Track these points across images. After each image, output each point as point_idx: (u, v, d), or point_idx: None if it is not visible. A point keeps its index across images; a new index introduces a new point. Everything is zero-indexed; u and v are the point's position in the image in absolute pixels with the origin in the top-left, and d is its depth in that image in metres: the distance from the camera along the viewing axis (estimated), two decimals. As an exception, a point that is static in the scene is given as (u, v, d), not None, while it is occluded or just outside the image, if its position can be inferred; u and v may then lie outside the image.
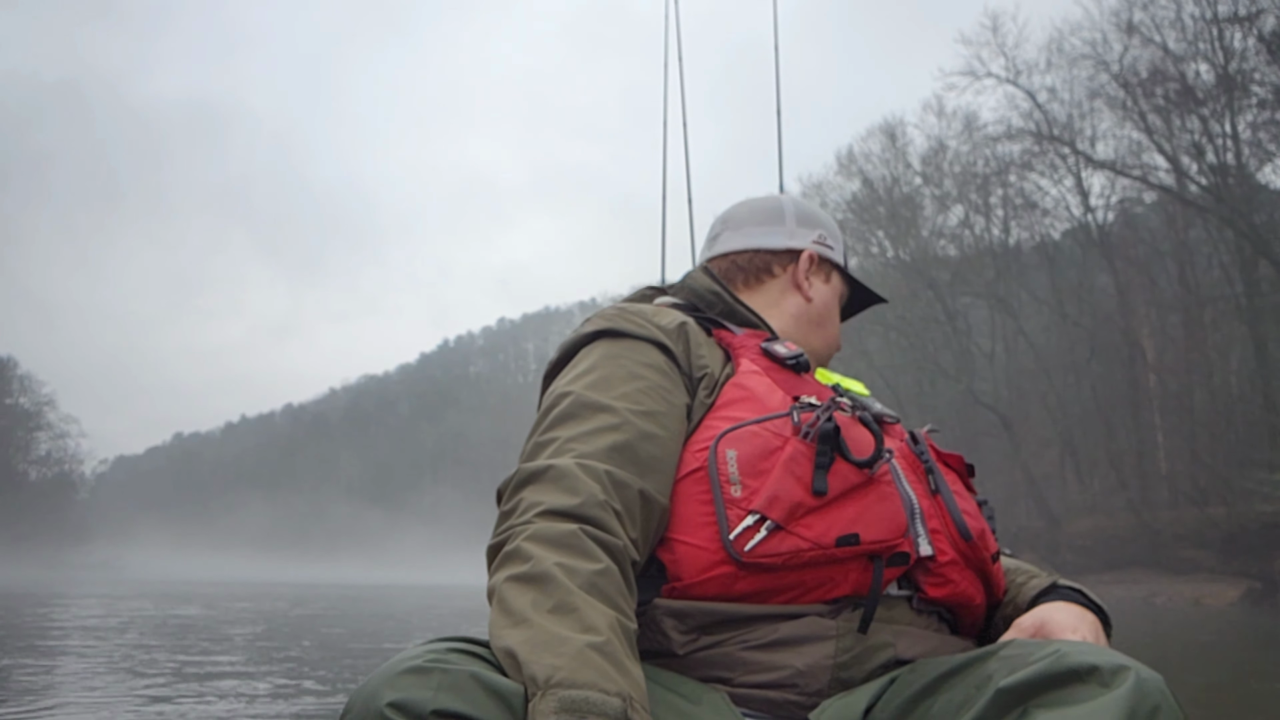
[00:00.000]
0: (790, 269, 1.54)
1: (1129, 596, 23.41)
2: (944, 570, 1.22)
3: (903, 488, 1.23)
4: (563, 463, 1.13)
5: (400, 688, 0.88)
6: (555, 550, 1.03)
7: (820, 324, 1.54)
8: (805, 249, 1.55)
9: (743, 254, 1.55)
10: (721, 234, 1.59)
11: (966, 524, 1.24)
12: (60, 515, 66.98)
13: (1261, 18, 25.09)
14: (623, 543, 1.08)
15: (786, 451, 1.17)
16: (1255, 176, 27.13)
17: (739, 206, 1.61)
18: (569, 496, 1.09)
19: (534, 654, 0.93)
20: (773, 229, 1.56)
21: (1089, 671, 0.94)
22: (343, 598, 26.19)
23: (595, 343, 1.33)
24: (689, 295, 1.50)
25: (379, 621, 15.31)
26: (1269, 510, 22.98)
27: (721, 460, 1.17)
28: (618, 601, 1.02)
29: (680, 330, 1.33)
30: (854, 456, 1.19)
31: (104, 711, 5.05)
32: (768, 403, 1.24)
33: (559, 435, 1.19)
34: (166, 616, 14.91)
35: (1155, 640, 11.56)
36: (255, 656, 8.53)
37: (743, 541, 1.13)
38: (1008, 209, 33.75)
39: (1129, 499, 28.66)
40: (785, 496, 1.15)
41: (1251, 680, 6.96)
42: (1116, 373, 31.23)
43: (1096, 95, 29.25)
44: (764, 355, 1.34)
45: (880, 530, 1.18)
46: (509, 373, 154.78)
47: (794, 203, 1.60)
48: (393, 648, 9.78)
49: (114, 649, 8.92)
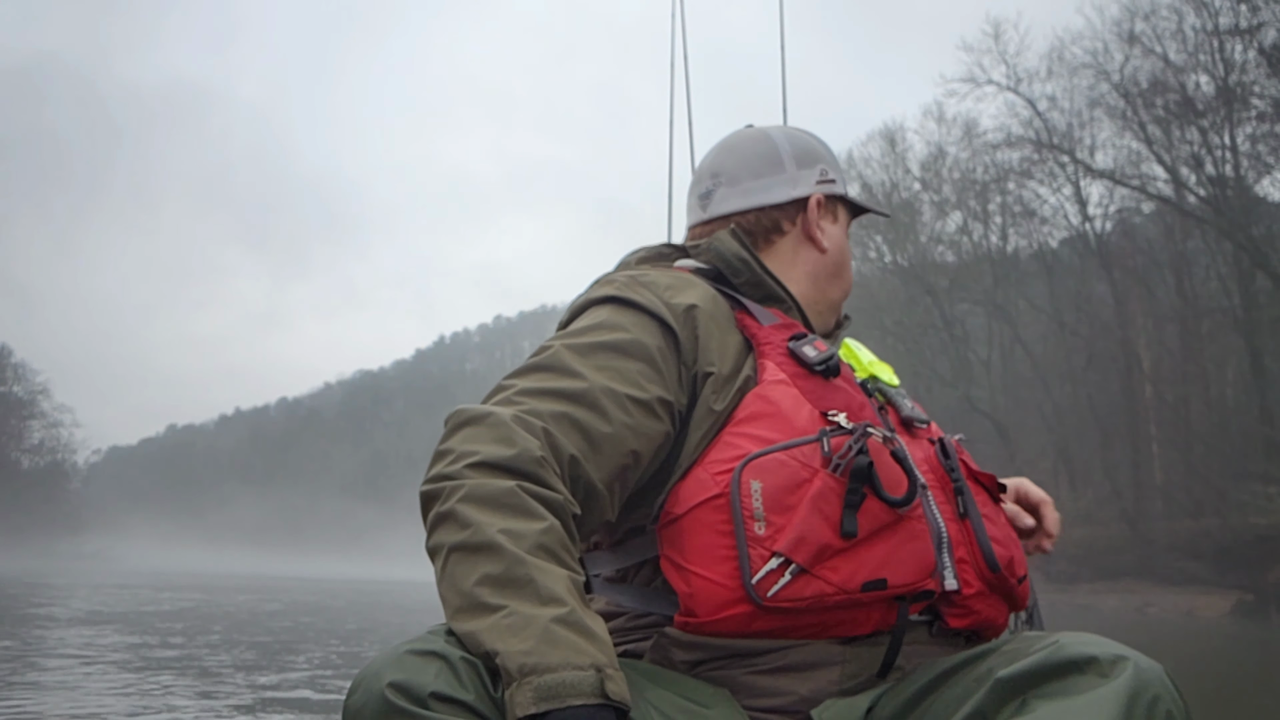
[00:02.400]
0: (800, 219, 1.42)
1: (1121, 606, 23.43)
2: (968, 602, 1.18)
3: (932, 517, 1.17)
4: (503, 412, 1.08)
5: (403, 669, 0.90)
6: (496, 513, 0.99)
7: (837, 273, 1.43)
8: (812, 195, 1.42)
9: (747, 214, 1.41)
10: (715, 190, 1.44)
11: (995, 554, 1.18)
12: (52, 505, 66.77)
13: (1262, 30, 25.12)
14: (563, 497, 1.04)
15: (815, 486, 1.10)
16: (1254, 189, 27.16)
17: (728, 153, 1.45)
18: (503, 448, 1.04)
19: (500, 641, 0.91)
20: (773, 179, 1.41)
21: (1087, 662, 0.94)
22: (343, 592, 26.14)
23: (602, 307, 1.26)
24: (714, 259, 1.36)
25: (377, 613, 15.27)
26: (1263, 522, 23.00)
27: (745, 492, 1.09)
28: (565, 559, 1.00)
29: (689, 316, 1.22)
30: (887, 494, 1.12)
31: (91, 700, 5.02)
32: (794, 420, 1.15)
33: (518, 383, 1.14)
34: (157, 609, 14.86)
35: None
36: (246, 648, 8.50)
37: (765, 586, 1.07)
38: (1006, 216, 33.76)
39: (1123, 509, 28.66)
40: (812, 538, 1.08)
41: (1241, 692, 6.96)
42: (1113, 382, 31.23)
43: (1097, 105, 29.28)
44: (791, 358, 1.23)
45: (908, 573, 1.13)
46: (505, 370, 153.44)
47: (786, 138, 1.45)
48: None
49: (102, 639, 8.88)
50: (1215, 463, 27.48)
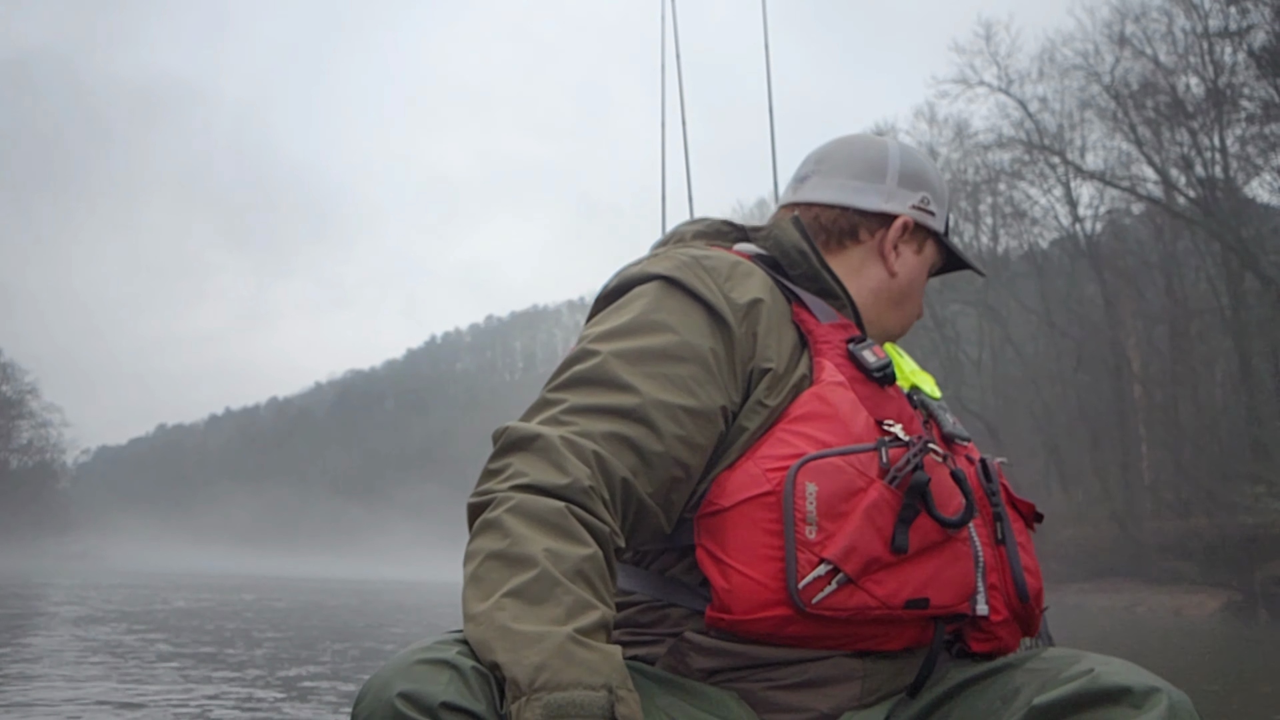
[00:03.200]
0: (879, 235, 1.36)
1: (1111, 606, 23.51)
2: (994, 628, 1.17)
3: (974, 541, 1.16)
4: (554, 435, 1.05)
5: (412, 679, 0.89)
6: (541, 530, 0.98)
7: (900, 302, 1.38)
8: (901, 215, 1.36)
9: (830, 209, 1.36)
10: (810, 176, 1.39)
11: (1027, 584, 1.18)
12: (41, 505, 66.52)
13: (1251, 33, 25.24)
14: (609, 529, 1.03)
15: (870, 497, 1.08)
16: (1243, 190, 27.28)
17: (839, 146, 1.41)
18: (556, 475, 1.02)
19: (514, 650, 0.90)
20: (869, 185, 1.36)
21: (1121, 693, 0.95)
22: (339, 591, 26.07)
23: (651, 286, 1.19)
24: (774, 247, 1.32)
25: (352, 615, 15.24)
26: (1251, 522, 23.08)
27: (800, 494, 1.07)
28: (600, 590, 0.98)
29: (752, 310, 1.18)
30: (940, 514, 1.11)
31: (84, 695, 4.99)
32: (851, 426, 1.12)
33: (567, 399, 1.10)
34: (149, 609, 14.80)
35: (1136, 653, 11.60)
36: (242, 648, 8.47)
37: (811, 592, 1.05)
38: (997, 217, 33.86)
39: (1113, 509, 28.74)
40: (863, 549, 1.07)
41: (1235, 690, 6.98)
42: (1102, 383, 31.33)
43: (1087, 106, 29.41)
44: (850, 361, 1.20)
45: (950, 595, 1.12)
46: (496, 370, 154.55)
47: (901, 154, 1.39)
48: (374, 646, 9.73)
49: (90, 638, 8.84)
50: (1204, 463, 27.59)
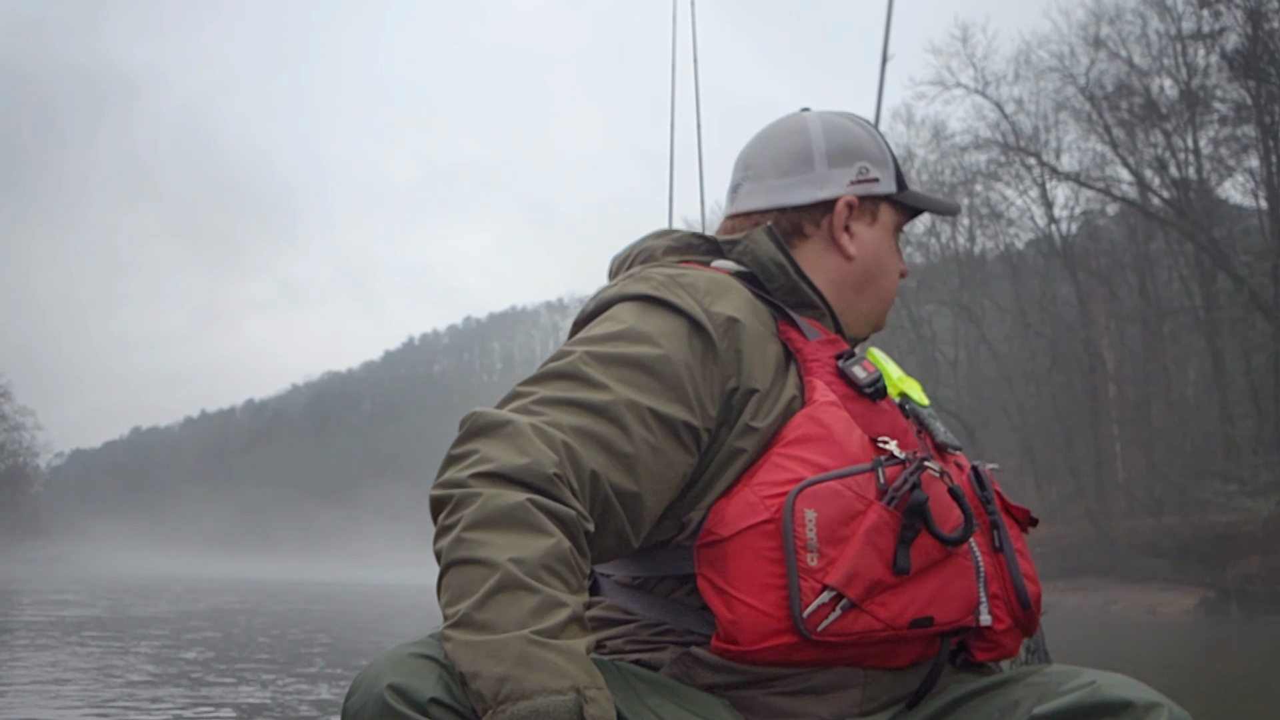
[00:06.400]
0: (825, 222, 1.31)
1: (1085, 604, 23.68)
2: (997, 637, 1.16)
3: (974, 553, 1.15)
4: (522, 421, 1.03)
5: (403, 673, 0.91)
6: (499, 531, 0.95)
7: (867, 282, 1.33)
8: (841, 197, 1.31)
9: (767, 213, 1.32)
10: (741, 184, 1.36)
11: (1027, 590, 1.17)
12: (13, 509, 65.78)
13: (1224, 35, 25.54)
14: (576, 512, 1.00)
15: (869, 520, 1.07)
16: (1215, 191, 27.64)
17: (762, 144, 1.37)
18: (519, 458, 0.99)
19: (477, 662, 0.89)
20: (799, 179, 1.31)
21: (1123, 707, 0.95)
22: (315, 595, 25.90)
23: (631, 305, 1.17)
24: (751, 262, 1.27)
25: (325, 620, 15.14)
26: (1223, 520, 23.34)
27: (799, 521, 1.05)
28: (568, 579, 0.96)
29: (733, 328, 1.15)
30: (940, 532, 1.09)
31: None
32: (846, 446, 1.11)
33: (538, 391, 1.08)
34: (122, 614, 14.66)
35: (1112, 655, 11.68)
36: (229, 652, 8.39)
37: (815, 620, 1.04)
38: (973, 218, 34.05)
39: (1086, 507, 28.98)
40: (865, 573, 1.05)
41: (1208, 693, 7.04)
42: (1076, 382, 31.60)
43: (1063, 108, 29.64)
44: (840, 378, 1.18)
45: (954, 611, 1.11)
46: (474, 372, 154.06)
47: (824, 132, 1.33)
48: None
49: (65, 644, 8.74)
50: (1177, 461, 27.88)
